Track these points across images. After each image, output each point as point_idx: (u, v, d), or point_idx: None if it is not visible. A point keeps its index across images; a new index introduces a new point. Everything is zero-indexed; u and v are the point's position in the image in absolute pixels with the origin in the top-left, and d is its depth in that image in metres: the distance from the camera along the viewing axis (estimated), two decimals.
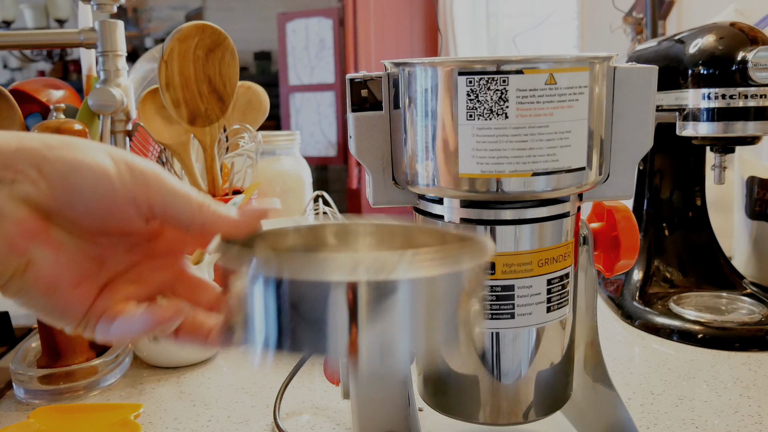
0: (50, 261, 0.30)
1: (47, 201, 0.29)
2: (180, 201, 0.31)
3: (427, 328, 0.27)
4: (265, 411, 0.58)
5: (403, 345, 0.27)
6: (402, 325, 0.27)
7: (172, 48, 0.69)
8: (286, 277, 0.27)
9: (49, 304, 0.30)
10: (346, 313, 0.26)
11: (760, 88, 0.65)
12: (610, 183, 0.44)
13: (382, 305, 0.26)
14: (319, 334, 0.27)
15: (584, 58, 0.39)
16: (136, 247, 0.33)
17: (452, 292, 0.28)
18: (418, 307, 0.27)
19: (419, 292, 0.27)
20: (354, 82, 0.43)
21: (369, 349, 0.27)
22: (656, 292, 0.80)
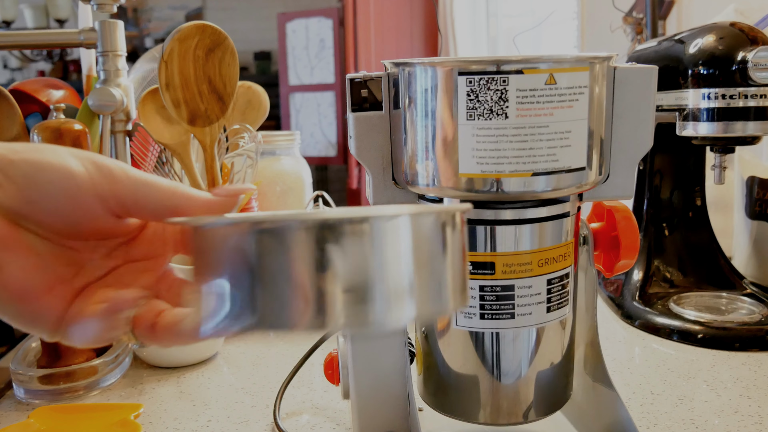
0: (18, 265, 0.29)
1: (14, 203, 0.29)
2: (149, 188, 0.31)
3: (405, 276, 0.25)
4: (265, 411, 0.58)
5: (380, 298, 0.25)
6: (375, 271, 0.25)
7: (172, 48, 0.69)
8: (242, 226, 0.25)
9: (18, 311, 0.29)
10: (314, 260, 0.24)
11: (760, 88, 0.65)
12: (610, 183, 0.44)
13: (350, 247, 0.24)
14: (290, 289, 0.24)
15: (584, 58, 0.39)
16: (114, 252, 0.33)
17: (425, 237, 0.26)
18: (389, 251, 0.25)
19: (388, 232, 0.25)
20: (354, 82, 0.43)
21: (345, 305, 0.24)
22: (656, 292, 0.80)
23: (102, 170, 0.30)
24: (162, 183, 0.31)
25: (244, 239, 0.25)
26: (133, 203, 0.31)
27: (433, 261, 0.26)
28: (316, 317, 0.25)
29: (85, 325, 0.30)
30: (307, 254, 0.24)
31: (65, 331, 0.30)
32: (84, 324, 0.30)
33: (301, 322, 0.25)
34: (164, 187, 0.31)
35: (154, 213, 0.31)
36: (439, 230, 0.27)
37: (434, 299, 0.27)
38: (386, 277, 0.25)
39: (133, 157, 0.78)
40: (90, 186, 0.30)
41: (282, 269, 0.24)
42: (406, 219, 0.25)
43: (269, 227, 0.25)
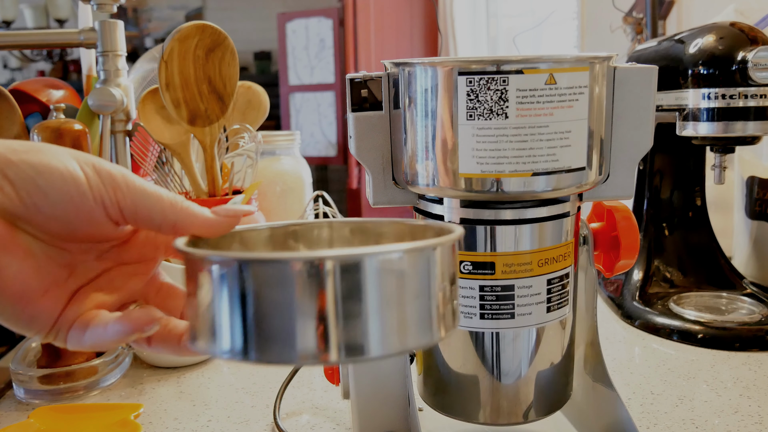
0: (16, 267, 0.29)
1: (13, 206, 0.28)
2: (150, 200, 0.31)
3: (399, 310, 0.26)
4: (265, 411, 0.58)
5: (374, 332, 0.25)
6: (372, 309, 0.25)
7: (172, 48, 0.69)
8: (243, 260, 0.25)
9: (15, 312, 0.29)
10: (311, 295, 0.24)
11: (760, 88, 0.65)
12: (610, 183, 0.44)
13: (348, 285, 0.25)
14: (283, 325, 0.25)
15: (584, 58, 0.39)
16: (106, 254, 0.33)
17: (421, 270, 0.26)
18: (386, 288, 0.25)
19: (385, 269, 0.25)
20: (354, 82, 0.43)
21: (339, 340, 0.25)
22: (656, 292, 0.80)
23: (103, 176, 0.30)
24: (162, 195, 0.31)
25: (242, 276, 0.25)
26: (132, 213, 0.30)
27: (426, 292, 0.27)
28: (311, 352, 0.25)
29: (92, 333, 0.30)
30: (299, 291, 0.25)
31: (61, 334, 0.30)
32: (93, 331, 0.30)
33: (297, 358, 0.25)
34: (164, 200, 0.31)
35: (153, 225, 0.31)
36: (433, 262, 0.27)
37: (424, 331, 0.27)
38: (379, 313, 0.25)
39: (133, 157, 0.78)
40: (92, 194, 0.29)
41: (275, 306, 0.25)
42: (400, 255, 0.26)
43: (260, 264, 0.25)
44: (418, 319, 0.27)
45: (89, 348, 0.31)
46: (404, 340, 0.26)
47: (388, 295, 0.25)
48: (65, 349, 0.67)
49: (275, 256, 0.25)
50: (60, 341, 0.31)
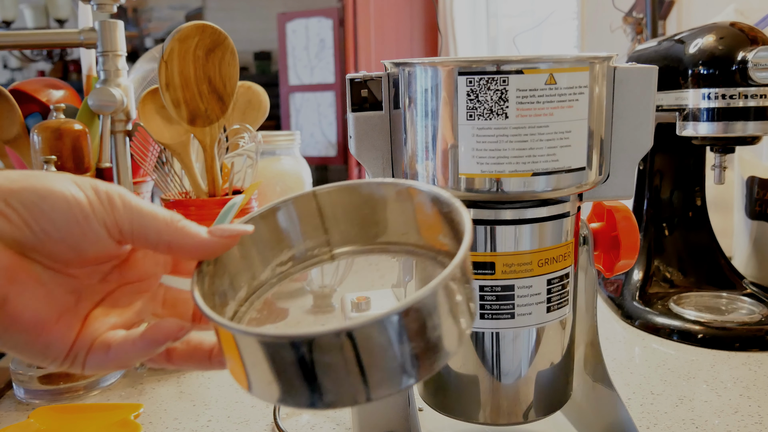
0: (27, 296, 0.29)
1: (23, 234, 0.28)
2: (146, 219, 0.31)
3: (418, 342, 0.26)
4: (265, 411, 0.58)
5: (409, 368, 0.26)
6: (396, 353, 0.26)
7: (172, 48, 0.69)
8: (267, 341, 0.26)
9: (29, 342, 0.29)
10: (343, 362, 0.25)
11: (760, 88, 0.65)
12: (610, 183, 0.44)
13: (375, 339, 0.25)
14: (317, 385, 0.26)
15: (584, 58, 0.39)
16: (109, 276, 0.33)
17: (436, 304, 0.27)
18: (412, 331, 0.26)
19: (412, 316, 0.26)
20: (354, 82, 0.43)
21: (378, 383, 0.26)
22: (656, 292, 0.80)
23: (101, 197, 0.30)
24: (158, 214, 0.31)
25: (261, 348, 0.26)
26: (129, 232, 0.31)
27: (447, 320, 0.27)
28: (351, 400, 0.26)
29: (118, 351, 0.30)
30: (331, 359, 0.25)
31: (79, 359, 0.30)
32: (118, 349, 0.30)
33: (335, 405, 0.26)
34: (159, 219, 0.31)
35: (149, 244, 0.31)
36: (449, 296, 0.27)
37: (452, 343, 0.28)
38: (410, 353, 0.26)
39: (133, 157, 0.78)
40: (94, 214, 0.30)
41: (301, 371, 0.26)
42: (395, 317, 0.26)
43: (282, 344, 0.26)
44: (446, 337, 0.27)
45: (113, 368, 0.31)
46: (433, 363, 0.27)
47: (395, 347, 0.26)
48: None
49: (300, 334, 0.26)
50: (77, 367, 0.30)
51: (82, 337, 0.30)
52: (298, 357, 0.25)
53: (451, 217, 0.31)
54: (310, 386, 0.26)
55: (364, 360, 0.25)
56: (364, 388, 0.26)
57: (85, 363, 0.30)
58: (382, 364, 0.26)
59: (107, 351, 0.30)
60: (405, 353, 0.26)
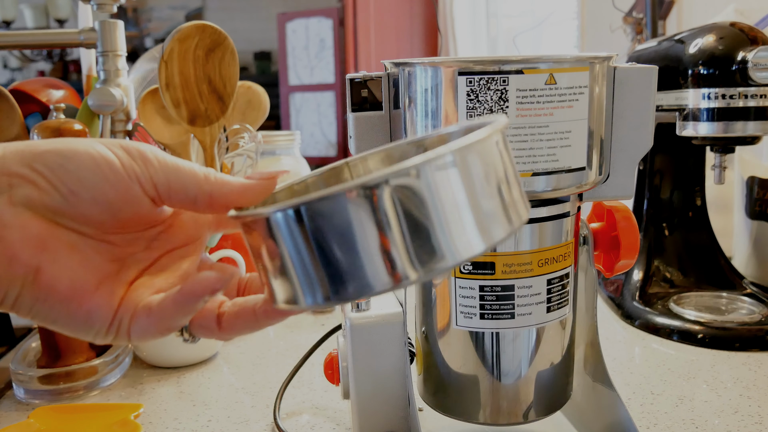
0: (61, 264, 0.28)
1: (51, 199, 0.27)
2: (183, 173, 0.30)
3: (464, 208, 0.25)
4: (265, 411, 0.58)
5: (445, 239, 0.25)
6: (436, 214, 0.24)
7: (172, 48, 0.69)
8: (301, 204, 0.25)
9: (70, 313, 0.28)
10: (373, 220, 0.24)
11: (760, 88, 0.65)
12: (610, 183, 0.44)
13: (407, 199, 0.24)
14: (353, 256, 0.25)
15: (584, 58, 0.39)
16: (153, 243, 0.32)
17: (476, 163, 0.26)
18: (445, 189, 0.25)
19: (442, 172, 0.25)
20: (354, 82, 0.43)
21: (410, 255, 0.25)
22: (656, 292, 0.80)
23: (132, 154, 0.29)
24: (195, 168, 0.30)
25: (296, 219, 0.25)
26: (165, 188, 0.30)
27: (486, 187, 0.26)
28: (387, 277, 0.25)
29: (156, 314, 0.29)
30: (360, 218, 0.24)
31: (124, 325, 0.29)
32: (156, 313, 0.29)
33: (375, 286, 0.25)
34: (196, 173, 0.30)
35: (188, 198, 0.30)
36: (486, 156, 0.26)
37: (497, 222, 0.26)
38: (444, 217, 0.25)
39: None
40: (124, 169, 0.29)
41: (344, 239, 0.25)
42: (450, 157, 0.25)
43: (319, 202, 0.25)
44: (487, 214, 0.26)
45: (158, 332, 0.29)
46: (481, 238, 0.26)
47: (449, 198, 0.25)
48: (65, 349, 0.67)
49: (330, 190, 0.24)
50: (122, 335, 0.29)
51: (125, 304, 0.29)
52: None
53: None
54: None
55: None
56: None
57: (130, 330, 0.29)
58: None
59: (149, 314, 0.29)
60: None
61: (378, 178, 0.24)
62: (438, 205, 0.25)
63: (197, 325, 0.30)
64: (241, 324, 0.30)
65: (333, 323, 0.76)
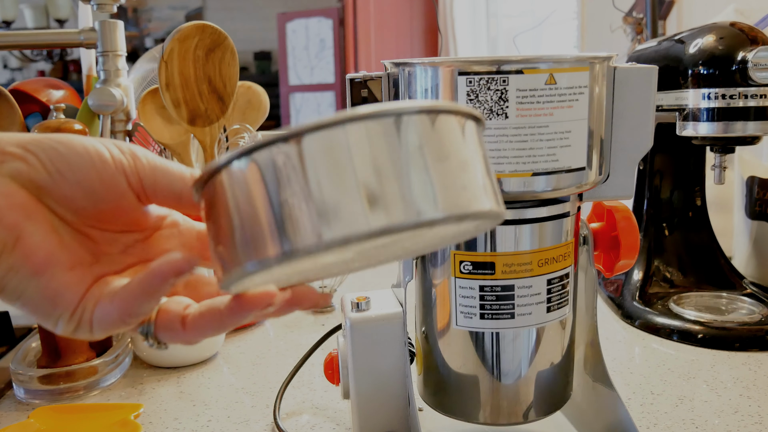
0: (41, 237, 0.28)
1: (38, 175, 0.29)
2: (170, 172, 0.31)
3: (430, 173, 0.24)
4: (265, 411, 0.58)
5: (426, 185, 0.23)
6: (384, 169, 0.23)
7: (172, 48, 0.69)
8: (246, 153, 0.24)
9: (39, 287, 0.28)
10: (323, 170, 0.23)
11: (760, 88, 0.65)
12: (610, 183, 0.44)
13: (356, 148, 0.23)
14: (299, 211, 0.23)
15: (584, 58, 0.39)
16: (130, 249, 0.32)
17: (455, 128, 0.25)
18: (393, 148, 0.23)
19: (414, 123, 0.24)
20: (354, 82, 0.43)
21: (361, 208, 0.23)
22: (656, 292, 0.80)
23: (123, 150, 0.30)
24: (182, 169, 0.31)
25: (248, 170, 0.24)
26: (152, 183, 0.31)
27: (444, 159, 0.24)
28: (338, 229, 0.23)
29: (121, 297, 0.29)
30: (316, 164, 0.23)
31: (87, 313, 0.29)
32: (120, 296, 0.29)
33: (323, 239, 0.23)
34: (183, 172, 0.31)
35: (173, 194, 0.31)
36: (450, 130, 0.25)
37: (454, 196, 0.24)
38: (398, 176, 0.23)
39: None
40: (113, 161, 0.30)
41: (289, 189, 0.23)
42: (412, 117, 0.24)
43: (256, 153, 0.24)
44: (446, 184, 0.24)
45: (120, 319, 0.29)
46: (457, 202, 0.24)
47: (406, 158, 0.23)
48: (65, 349, 0.67)
49: (286, 131, 0.23)
50: (84, 326, 0.29)
51: (91, 292, 0.29)
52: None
53: None
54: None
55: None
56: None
57: (92, 319, 0.29)
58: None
59: (113, 299, 0.29)
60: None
61: (319, 123, 0.23)
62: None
63: (161, 326, 0.30)
64: (206, 323, 0.30)
65: (333, 323, 0.76)
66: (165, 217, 0.34)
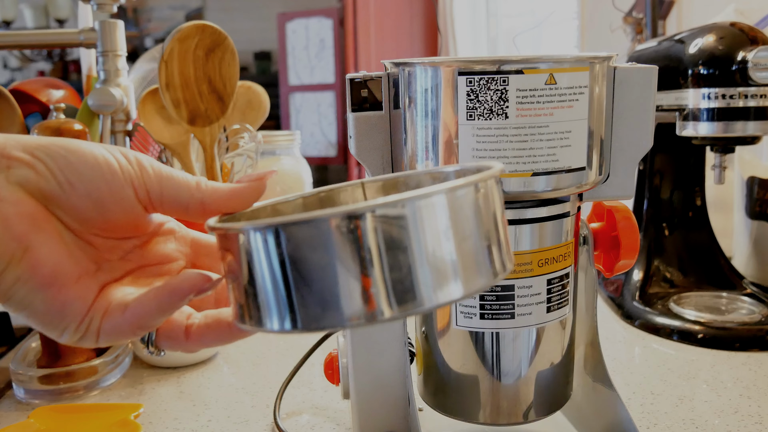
0: (50, 249, 0.28)
1: (49, 185, 0.28)
2: (176, 182, 0.31)
3: (449, 252, 0.24)
4: (265, 411, 0.58)
5: (426, 278, 0.24)
6: (420, 254, 0.23)
7: (172, 48, 0.69)
8: (279, 224, 0.24)
9: (47, 298, 0.28)
10: (354, 251, 0.23)
11: (760, 88, 0.65)
12: (610, 183, 0.44)
13: (389, 234, 0.23)
14: (329, 288, 0.24)
15: (584, 58, 0.39)
16: (129, 255, 0.32)
17: (466, 209, 0.25)
18: (432, 230, 0.24)
19: (427, 212, 0.24)
20: (354, 82, 0.43)
21: (388, 292, 0.24)
22: (656, 292, 0.80)
23: (130, 160, 0.30)
24: (188, 177, 0.31)
25: (279, 241, 0.24)
26: (158, 194, 0.30)
27: (474, 233, 0.25)
28: (361, 311, 0.24)
29: (133, 310, 0.29)
30: (341, 248, 0.23)
31: (94, 324, 0.29)
32: (132, 309, 0.29)
33: (347, 319, 0.24)
34: (189, 182, 0.31)
35: (180, 205, 0.31)
36: (478, 199, 0.26)
37: (480, 271, 0.25)
38: (428, 259, 0.24)
39: None
40: (122, 172, 0.29)
41: (321, 268, 0.24)
42: (442, 197, 0.24)
43: (297, 226, 0.24)
44: (471, 262, 0.25)
45: (130, 331, 0.29)
46: (460, 285, 0.25)
47: (434, 240, 0.24)
48: (65, 349, 0.67)
49: (312, 215, 0.24)
50: (91, 335, 0.29)
51: (98, 302, 0.29)
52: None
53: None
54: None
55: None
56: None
57: (100, 329, 0.29)
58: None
59: (124, 311, 0.29)
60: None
61: (363, 207, 0.23)
62: (422, 244, 0.24)
63: (164, 335, 0.31)
64: (213, 336, 0.30)
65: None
66: (164, 223, 0.34)
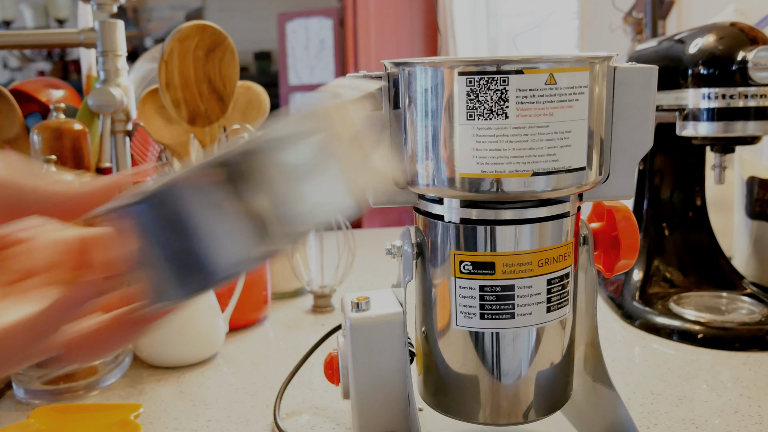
0: None
1: None
2: (5, 189, 0.29)
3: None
4: (265, 411, 0.58)
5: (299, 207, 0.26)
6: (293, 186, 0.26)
7: (172, 48, 0.69)
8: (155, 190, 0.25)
9: None
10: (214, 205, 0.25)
11: (760, 88, 0.65)
12: (610, 183, 0.44)
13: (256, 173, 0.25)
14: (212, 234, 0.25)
15: (584, 58, 0.39)
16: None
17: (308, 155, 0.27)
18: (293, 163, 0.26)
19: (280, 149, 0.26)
20: None
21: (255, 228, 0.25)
22: (656, 292, 0.80)
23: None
24: (22, 181, 0.29)
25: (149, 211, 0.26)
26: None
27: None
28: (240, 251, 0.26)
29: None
30: (209, 201, 0.25)
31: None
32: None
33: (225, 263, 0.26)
34: (25, 185, 0.29)
35: (14, 211, 0.29)
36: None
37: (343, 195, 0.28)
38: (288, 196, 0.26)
39: (133, 157, 0.78)
40: None
41: (193, 224, 0.25)
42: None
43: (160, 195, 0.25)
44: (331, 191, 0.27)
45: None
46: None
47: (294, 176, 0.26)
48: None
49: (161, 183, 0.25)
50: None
51: None
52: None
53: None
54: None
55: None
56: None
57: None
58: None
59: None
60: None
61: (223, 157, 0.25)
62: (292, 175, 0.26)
63: (72, 351, 0.29)
64: (125, 335, 0.30)
65: (333, 323, 0.77)
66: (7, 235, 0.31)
